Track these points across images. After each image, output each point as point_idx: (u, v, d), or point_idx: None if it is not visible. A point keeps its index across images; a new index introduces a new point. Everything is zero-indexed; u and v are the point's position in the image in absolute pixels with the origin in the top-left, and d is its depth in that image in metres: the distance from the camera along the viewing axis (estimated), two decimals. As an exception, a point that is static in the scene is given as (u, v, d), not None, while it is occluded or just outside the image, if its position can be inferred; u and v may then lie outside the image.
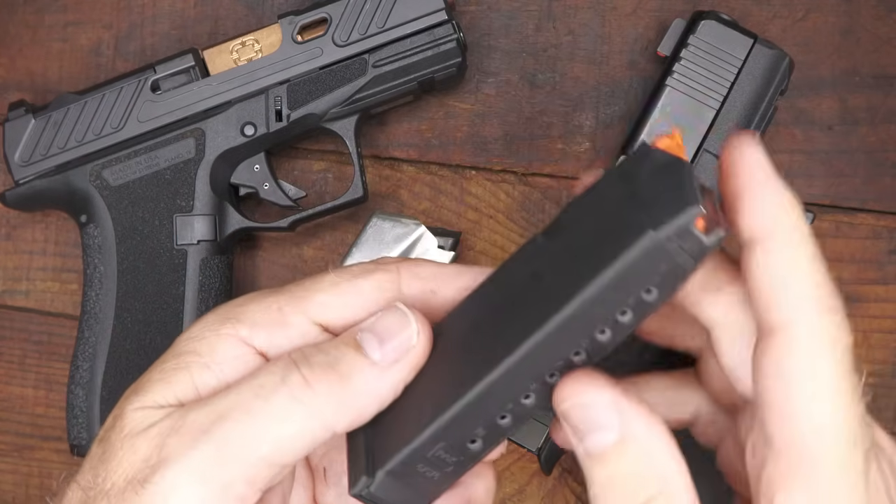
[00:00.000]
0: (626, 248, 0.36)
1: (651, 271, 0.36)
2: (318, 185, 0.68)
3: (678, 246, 0.36)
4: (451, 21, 0.62)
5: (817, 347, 0.35)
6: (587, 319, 0.37)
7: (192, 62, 0.63)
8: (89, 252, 0.64)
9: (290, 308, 0.42)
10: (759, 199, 0.36)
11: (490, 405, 0.39)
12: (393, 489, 0.41)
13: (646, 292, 0.37)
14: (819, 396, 0.35)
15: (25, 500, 0.69)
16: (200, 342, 0.41)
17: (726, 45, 0.60)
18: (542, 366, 0.38)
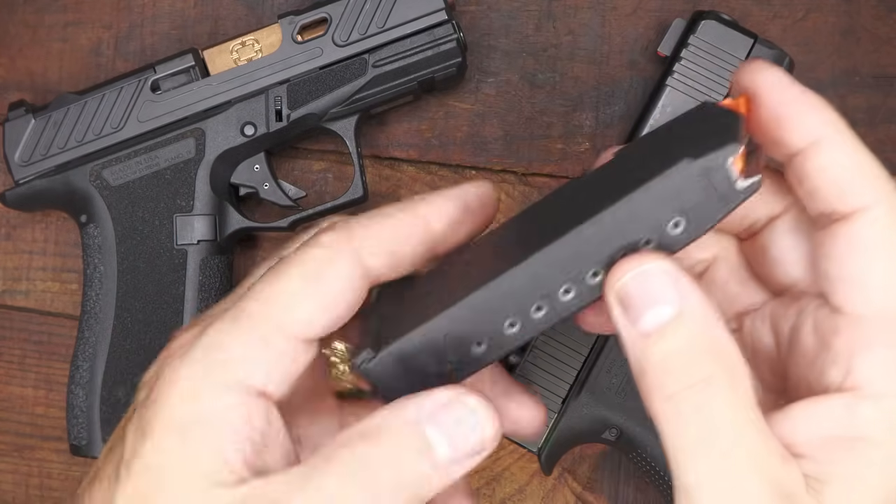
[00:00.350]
0: (659, 172, 0.36)
1: (680, 199, 0.36)
2: (318, 184, 0.68)
3: (709, 180, 0.36)
4: (451, 21, 0.62)
5: (895, 224, 0.38)
6: (610, 236, 0.37)
7: (192, 62, 0.63)
8: (89, 252, 0.64)
9: (275, 336, 0.40)
10: (806, 106, 0.39)
11: (501, 307, 0.39)
12: (391, 372, 0.40)
13: (673, 225, 0.37)
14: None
15: (25, 500, 0.69)
16: (200, 405, 0.40)
17: (727, 45, 0.60)
18: (558, 274, 0.38)
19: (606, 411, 0.60)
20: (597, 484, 0.66)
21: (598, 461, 0.66)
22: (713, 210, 0.36)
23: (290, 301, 0.40)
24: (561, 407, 0.59)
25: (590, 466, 0.66)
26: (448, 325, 0.40)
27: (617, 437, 0.60)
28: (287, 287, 0.40)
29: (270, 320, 0.40)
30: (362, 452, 0.39)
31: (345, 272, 0.41)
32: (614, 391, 0.59)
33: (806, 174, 0.38)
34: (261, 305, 0.41)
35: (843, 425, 0.37)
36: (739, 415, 0.36)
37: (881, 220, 0.37)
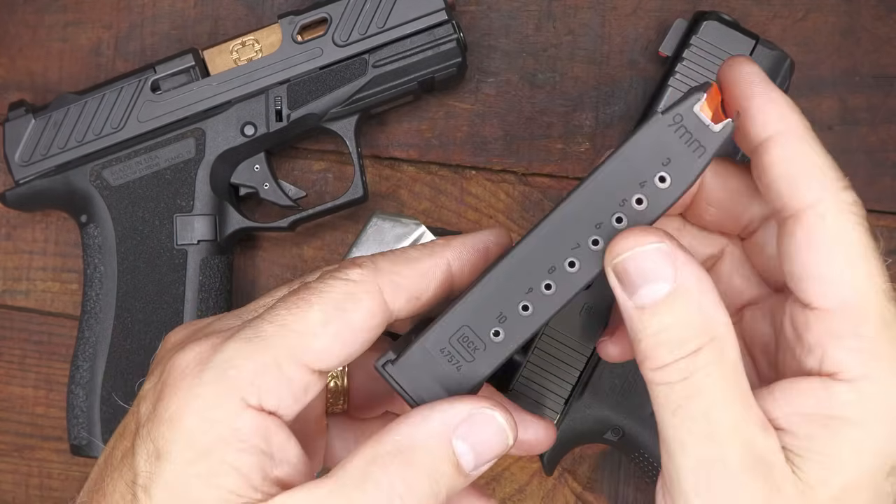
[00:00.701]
0: (636, 131, 0.38)
1: (661, 153, 0.38)
2: (318, 184, 0.68)
3: (685, 129, 0.38)
4: (451, 21, 0.62)
5: (844, 218, 0.39)
6: (601, 201, 0.39)
7: (192, 62, 0.63)
8: (89, 252, 0.64)
9: (289, 363, 0.41)
10: (767, 101, 0.40)
11: (512, 289, 0.40)
12: (413, 374, 0.41)
13: (659, 180, 0.38)
14: (853, 258, 0.38)
15: (25, 499, 0.69)
16: (219, 427, 0.40)
17: (728, 45, 0.60)
18: (559, 248, 0.40)
19: (609, 412, 0.59)
20: (597, 484, 0.66)
21: (598, 461, 0.66)
22: (694, 158, 0.38)
23: (308, 332, 0.41)
24: (563, 407, 0.59)
25: (590, 466, 0.66)
26: (464, 316, 0.41)
27: (619, 438, 0.60)
28: (307, 317, 0.41)
29: (286, 347, 0.40)
30: (398, 471, 0.40)
31: (367, 309, 0.41)
32: (617, 392, 0.59)
33: (762, 168, 0.40)
34: (277, 330, 0.41)
35: (822, 404, 0.38)
36: (724, 383, 0.38)
37: (829, 215, 0.39)
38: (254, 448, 0.40)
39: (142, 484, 0.40)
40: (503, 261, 0.40)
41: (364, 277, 0.42)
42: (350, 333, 0.41)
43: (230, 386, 0.40)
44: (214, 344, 0.41)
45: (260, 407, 0.40)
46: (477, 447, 0.41)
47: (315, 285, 0.42)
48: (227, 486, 0.39)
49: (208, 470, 0.39)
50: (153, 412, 0.41)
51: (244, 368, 0.40)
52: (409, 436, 0.40)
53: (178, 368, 0.41)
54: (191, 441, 0.40)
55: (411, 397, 0.41)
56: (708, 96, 0.38)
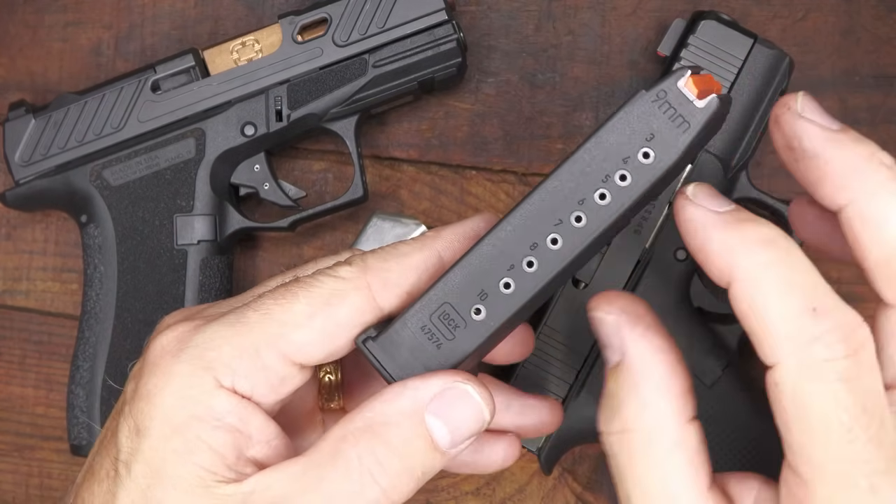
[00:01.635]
0: (620, 108, 0.39)
1: (644, 129, 0.38)
2: (318, 184, 0.68)
3: (668, 104, 0.38)
4: (452, 21, 0.62)
5: (804, 385, 0.36)
6: (583, 178, 0.39)
7: (192, 62, 0.63)
8: (89, 252, 0.64)
9: (269, 351, 0.41)
10: (716, 251, 0.38)
11: (493, 266, 0.40)
12: (395, 351, 0.41)
13: (643, 156, 0.38)
14: (815, 436, 0.36)
15: (25, 499, 0.69)
16: (193, 404, 0.40)
17: (726, 45, 0.60)
18: (540, 225, 0.40)
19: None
20: (597, 484, 0.66)
21: (598, 461, 0.66)
22: (678, 134, 0.38)
23: (291, 322, 0.41)
24: (561, 407, 0.59)
25: (590, 466, 0.66)
26: (445, 293, 0.41)
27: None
28: (291, 308, 0.41)
29: (266, 335, 0.41)
30: (367, 447, 0.40)
31: (353, 306, 0.41)
32: (614, 391, 0.59)
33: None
34: (261, 318, 0.41)
35: None
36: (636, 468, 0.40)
37: (788, 382, 0.36)
38: (229, 427, 0.40)
39: (123, 459, 0.41)
40: (486, 237, 0.40)
41: (353, 275, 0.42)
42: (335, 328, 0.41)
43: (205, 366, 0.40)
44: (197, 325, 0.42)
45: (233, 389, 0.40)
46: (451, 423, 0.40)
47: (305, 279, 0.42)
48: (201, 463, 0.40)
49: (183, 446, 0.40)
50: (136, 390, 0.42)
51: (221, 350, 0.41)
52: (381, 412, 0.40)
53: (159, 347, 0.42)
54: (167, 417, 0.40)
55: (389, 374, 0.41)
56: (695, 75, 0.38)
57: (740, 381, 0.59)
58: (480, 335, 0.41)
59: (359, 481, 0.39)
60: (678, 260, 0.60)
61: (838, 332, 0.35)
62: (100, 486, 0.42)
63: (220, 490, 0.40)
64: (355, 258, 0.43)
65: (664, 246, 0.60)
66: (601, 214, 0.39)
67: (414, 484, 0.40)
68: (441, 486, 0.66)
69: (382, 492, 0.40)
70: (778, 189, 0.65)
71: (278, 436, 0.42)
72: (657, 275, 0.60)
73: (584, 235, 0.40)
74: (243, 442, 0.41)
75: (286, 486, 0.40)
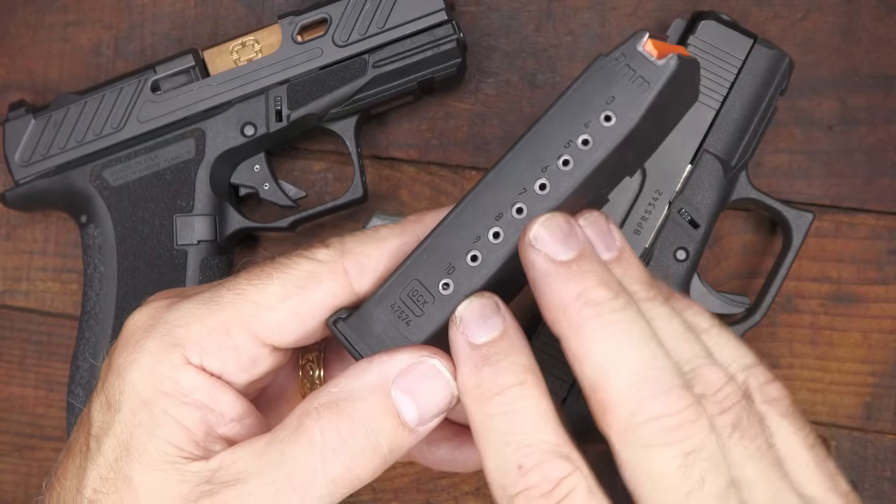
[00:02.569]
0: (580, 75, 0.39)
1: (604, 92, 0.38)
2: (318, 184, 0.68)
3: (628, 66, 0.38)
4: (452, 21, 0.62)
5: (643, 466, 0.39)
6: (545, 145, 0.39)
7: (192, 62, 0.63)
8: (89, 252, 0.64)
9: (239, 331, 0.41)
10: (547, 305, 0.39)
11: (459, 239, 0.40)
12: (366, 332, 0.41)
13: (605, 119, 0.38)
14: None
15: (25, 500, 0.69)
16: (161, 379, 0.40)
17: (726, 45, 0.60)
18: (505, 195, 0.40)
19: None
20: (597, 484, 0.66)
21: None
22: (639, 94, 0.38)
23: (264, 303, 0.41)
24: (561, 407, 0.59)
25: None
26: (414, 270, 0.41)
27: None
28: (265, 289, 0.41)
29: (238, 315, 0.41)
30: (331, 422, 0.39)
31: (327, 290, 0.41)
32: (614, 391, 0.59)
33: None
34: (233, 297, 0.41)
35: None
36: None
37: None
38: (197, 403, 0.40)
39: (94, 434, 0.41)
40: (452, 212, 0.40)
41: (330, 258, 0.42)
42: (308, 311, 0.41)
43: (174, 342, 0.40)
44: (171, 303, 0.42)
45: (202, 367, 0.40)
46: (419, 399, 0.40)
47: (281, 260, 0.42)
48: (168, 438, 0.40)
49: (150, 420, 0.40)
50: (108, 366, 0.42)
51: (191, 328, 0.40)
52: (346, 387, 0.40)
53: (132, 323, 0.42)
54: (135, 391, 0.40)
55: (359, 353, 0.41)
56: (655, 39, 0.38)
57: (740, 382, 0.59)
58: (448, 308, 0.41)
59: (320, 457, 0.39)
60: (678, 260, 0.60)
61: (540, 487, 0.38)
62: (73, 461, 0.42)
63: (187, 467, 0.39)
64: (333, 241, 0.42)
65: (664, 246, 0.60)
66: (565, 180, 0.39)
67: (380, 461, 0.40)
68: (441, 486, 0.66)
69: (345, 468, 0.39)
70: (778, 189, 0.65)
71: (251, 414, 0.42)
72: (657, 275, 0.60)
73: (548, 202, 0.40)
74: (213, 419, 0.40)
75: (249, 462, 0.39)
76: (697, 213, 0.60)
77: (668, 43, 0.39)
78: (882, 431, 0.65)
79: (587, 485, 0.37)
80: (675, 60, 0.38)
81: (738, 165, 0.60)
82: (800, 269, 0.65)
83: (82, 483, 0.40)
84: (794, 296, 0.65)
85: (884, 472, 0.65)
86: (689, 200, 0.60)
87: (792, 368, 0.65)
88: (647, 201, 0.59)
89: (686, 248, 0.60)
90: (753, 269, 0.65)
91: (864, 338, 0.65)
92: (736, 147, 0.60)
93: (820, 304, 0.65)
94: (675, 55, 0.38)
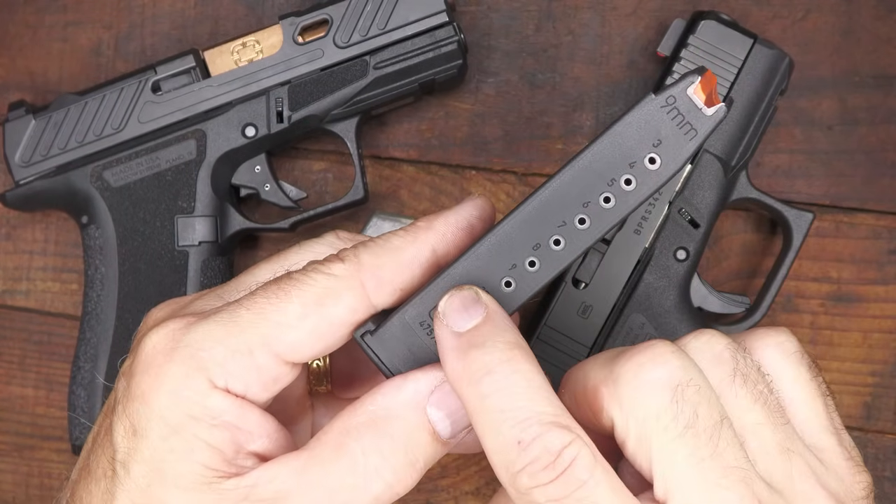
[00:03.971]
0: (628, 111, 0.39)
1: (652, 135, 0.38)
2: (319, 184, 0.68)
3: (677, 111, 0.38)
4: (453, 23, 0.62)
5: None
6: (589, 180, 0.39)
7: (192, 63, 0.63)
8: (90, 253, 0.64)
9: (261, 352, 0.41)
10: (451, 380, 0.40)
11: (495, 264, 0.40)
12: (393, 345, 0.41)
13: (649, 161, 0.38)
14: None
15: (25, 500, 0.69)
16: (188, 405, 0.40)
17: (726, 45, 0.60)
18: (544, 226, 0.40)
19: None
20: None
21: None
22: (685, 141, 0.38)
23: (284, 323, 0.41)
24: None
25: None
26: (445, 289, 0.41)
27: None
28: (285, 308, 0.41)
29: (259, 335, 0.41)
30: (371, 441, 0.40)
31: (347, 306, 0.41)
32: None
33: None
34: (253, 317, 0.41)
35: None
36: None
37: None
38: (226, 424, 0.40)
39: (120, 460, 0.41)
40: (488, 235, 0.40)
41: (347, 273, 0.42)
42: (327, 328, 0.41)
43: (198, 367, 0.40)
44: (189, 323, 0.42)
45: (227, 390, 0.40)
46: (452, 414, 0.41)
47: (297, 276, 0.42)
48: (201, 461, 0.40)
49: (182, 445, 0.40)
50: (128, 389, 0.41)
51: (214, 351, 0.40)
52: (384, 405, 0.41)
53: (150, 346, 0.42)
54: (163, 418, 0.40)
55: (388, 368, 0.41)
56: (702, 80, 0.38)
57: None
58: None
59: (363, 475, 0.40)
60: (678, 260, 0.60)
61: (542, 459, 0.37)
62: (97, 486, 0.42)
63: (222, 485, 0.40)
64: (348, 254, 0.42)
65: (664, 246, 0.60)
66: (604, 218, 0.40)
67: (416, 475, 0.41)
68: (441, 487, 0.66)
69: (387, 485, 0.40)
70: (778, 189, 0.65)
71: (278, 430, 0.42)
72: (657, 275, 0.60)
73: (586, 237, 0.40)
74: (242, 437, 0.41)
75: (289, 480, 0.40)
76: (697, 212, 0.60)
77: (709, 76, 0.39)
78: (882, 431, 0.65)
79: (590, 452, 0.37)
80: (722, 111, 0.38)
81: (738, 165, 0.60)
82: (800, 269, 0.65)
83: None
84: (794, 296, 0.65)
85: (884, 471, 0.65)
86: (690, 200, 0.60)
87: (792, 368, 0.65)
88: (648, 201, 0.59)
89: (686, 247, 0.60)
90: (753, 269, 0.65)
91: (864, 338, 0.65)
92: (736, 147, 0.60)
93: (820, 304, 0.65)
94: (723, 106, 0.38)
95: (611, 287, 0.59)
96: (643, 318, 0.59)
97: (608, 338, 0.59)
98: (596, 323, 0.59)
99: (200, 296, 0.45)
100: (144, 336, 0.42)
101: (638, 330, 0.59)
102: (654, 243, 0.60)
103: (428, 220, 0.44)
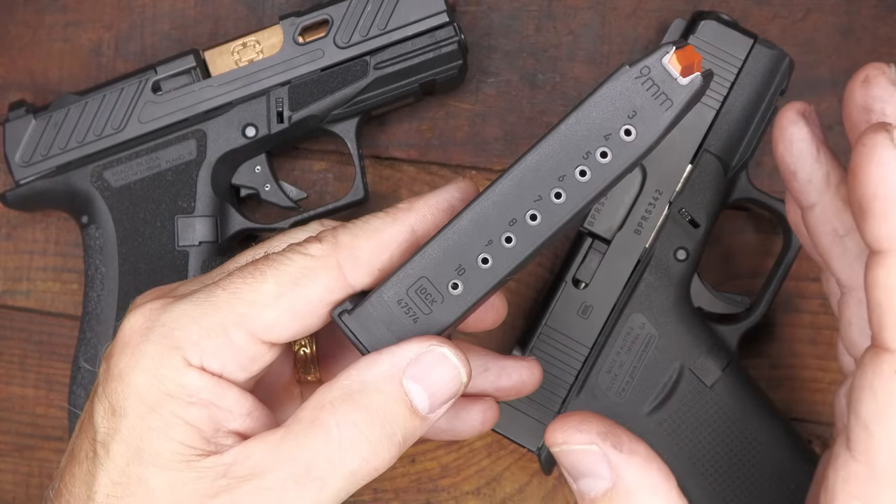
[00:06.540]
0: (602, 83, 0.38)
1: (627, 105, 0.38)
2: (319, 184, 0.68)
3: (651, 82, 0.38)
4: (453, 23, 0.62)
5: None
6: (563, 154, 0.39)
7: (193, 63, 0.63)
8: (90, 253, 0.64)
9: (237, 331, 0.41)
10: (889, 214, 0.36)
11: (472, 241, 0.40)
12: (371, 325, 0.41)
13: (625, 133, 0.38)
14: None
15: (25, 500, 0.69)
16: (165, 382, 0.40)
17: (726, 45, 0.60)
18: (520, 201, 0.39)
19: (606, 412, 0.60)
20: (597, 483, 0.66)
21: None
22: (661, 111, 0.38)
23: (259, 302, 0.41)
24: (560, 407, 0.59)
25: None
26: (422, 267, 0.41)
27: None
28: (260, 287, 0.41)
29: (234, 314, 0.41)
30: (347, 414, 0.40)
31: (323, 285, 0.41)
32: (614, 392, 0.59)
33: (868, 280, 0.37)
34: (228, 296, 0.41)
35: None
36: None
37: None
38: (203, 402, 0.41)
39: (100, 440, 0.41)
40: (464, 212, 0.40)
41: (323, 252, 0.42)
42: (304, 307, 0.41)
43: (173, 345, 0.41)
44: (165, 304, 0.42)
45: (202, 368, 0.41)
46: (430, 387, 0.41)
47: (274, 257, 0.42)
48: (179, 438, 0.40)
49: (160, 423, 0.40)
50: (107, 370, 0.42)
51: (189, 330, 0.41)
52: (359, 379, 0.41)
53: (128, 326, 0.42)
54: (140, 396, 0.40)
55: (365, 347, 0.41)
56: (679, 51, 0.38)
57: (740, 381, 0.59)
58: (457, 310, 0.41)
59: (338, 449, 0.40)
60: (678, 260, 0.60)
61: None
62: (80, 468, 0.42)
63: (201, 463, 0.40)
64: (326, 234, 0.42)
65: (664, 246, 0.60)
66: (581, 191, 0.39)
67: (395, 450, 0.41)
68: (441, 487, 0.66)
69: (363, 459, 0.40)
70: (778, 189, 0.65)
71: (257, 407, 0.42)
72: (657, 275, 0.60)
73: (563, 212, 0.39)
74: (221, 416, 0.41)
75: (266, 455, 0.40)
76: (698, 212, 0.60)
77: (687, 48, 0.38)
78: (882, 431, 0.65)
79: None
80: (698, 81, 0.38)
81: (738, 165, 0.60)
82: (800, 269, 0.65)
83: (93, 489, 0.41)
84: (794, 296, 0.65)
85: (883, 471, 0.65)
86: (690, 200, 0.60)
87: (792, 368, 0.65)
88: (648, 201, 0.59)
89: (686, 247, 0.60)
90: (753, 269, 0.65)
91: (863, 337, 0.65)
92: (736, 147, 0.60)
93: (820, 303, 0.65)
94: (698, 76, 0.38)
95: (611, 287, 0.59)
96: (643, 318, 0.59)
97: (608, 338, 0.59)
98: (596, 323, 0.59)
99: (185, 282, 0.46)
100: (125, 318, 0.43)
101: (638, 330, 0.59)
102: (654, 243, 0.60)
103: (409, 201, 0.44)
